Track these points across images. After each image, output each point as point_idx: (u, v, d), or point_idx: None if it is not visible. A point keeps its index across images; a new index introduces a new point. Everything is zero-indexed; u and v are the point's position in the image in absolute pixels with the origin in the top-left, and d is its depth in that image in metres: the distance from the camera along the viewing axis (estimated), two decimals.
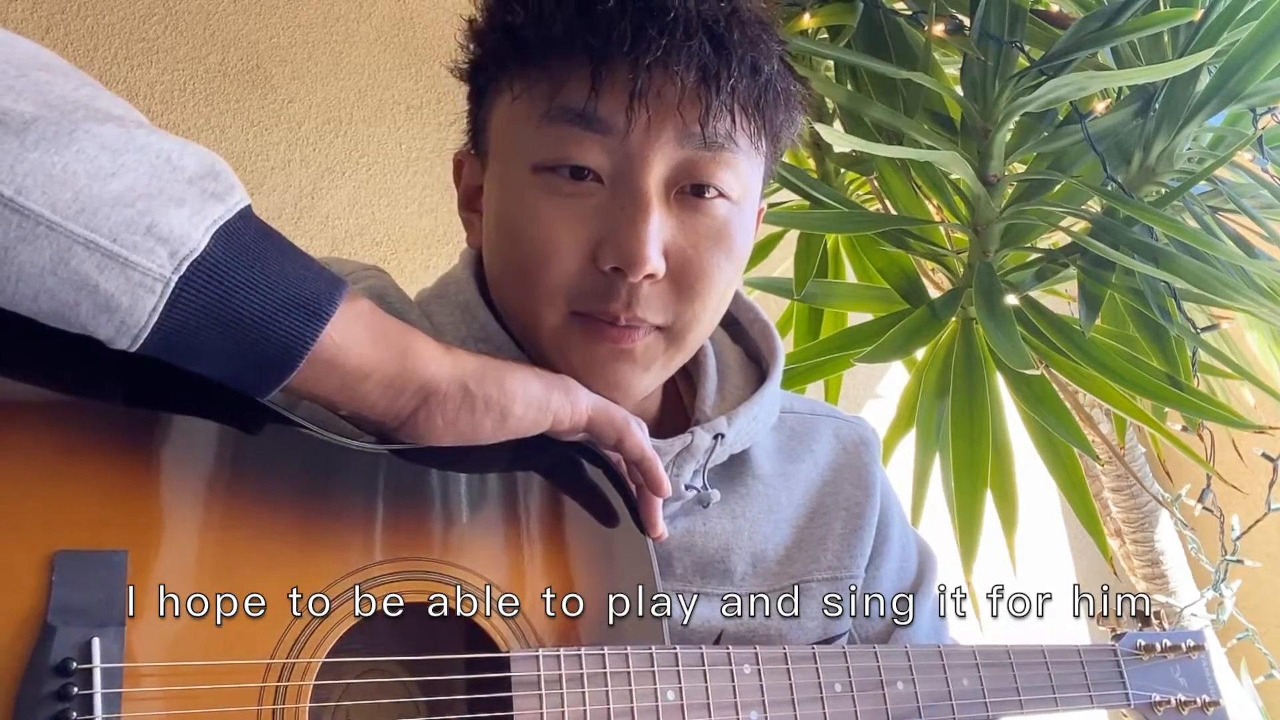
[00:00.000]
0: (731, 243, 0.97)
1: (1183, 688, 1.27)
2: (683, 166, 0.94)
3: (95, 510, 0.74)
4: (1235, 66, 1.58)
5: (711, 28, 0.91)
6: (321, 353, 0.78)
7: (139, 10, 2.16)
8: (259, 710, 0.76)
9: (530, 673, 0.86)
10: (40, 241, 0.68)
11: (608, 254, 0.92)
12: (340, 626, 0.81)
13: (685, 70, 0.89)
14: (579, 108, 0.90)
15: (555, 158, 0.92)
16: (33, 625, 0.70)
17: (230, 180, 0.76)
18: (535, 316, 0.96)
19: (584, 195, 0.93)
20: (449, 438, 0.88)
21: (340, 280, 0.79)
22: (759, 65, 0.94)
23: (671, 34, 0.88)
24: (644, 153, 0.92)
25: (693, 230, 0.95)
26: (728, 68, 0.91)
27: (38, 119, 0.69)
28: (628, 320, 0.95)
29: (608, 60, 0.89)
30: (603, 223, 0.92)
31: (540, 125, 0.92)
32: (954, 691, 1.08)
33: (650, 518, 0.96)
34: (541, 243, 0.93)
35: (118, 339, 0.71)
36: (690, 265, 0.95)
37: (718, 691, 0.94)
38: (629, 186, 0.92)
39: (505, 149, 0.97)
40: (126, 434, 0.77)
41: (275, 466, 0.82)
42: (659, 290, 0.95)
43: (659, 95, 0.90)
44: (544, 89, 0.92)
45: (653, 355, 0.98)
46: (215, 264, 0.73)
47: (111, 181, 0.70)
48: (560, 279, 0.94)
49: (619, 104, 0.90)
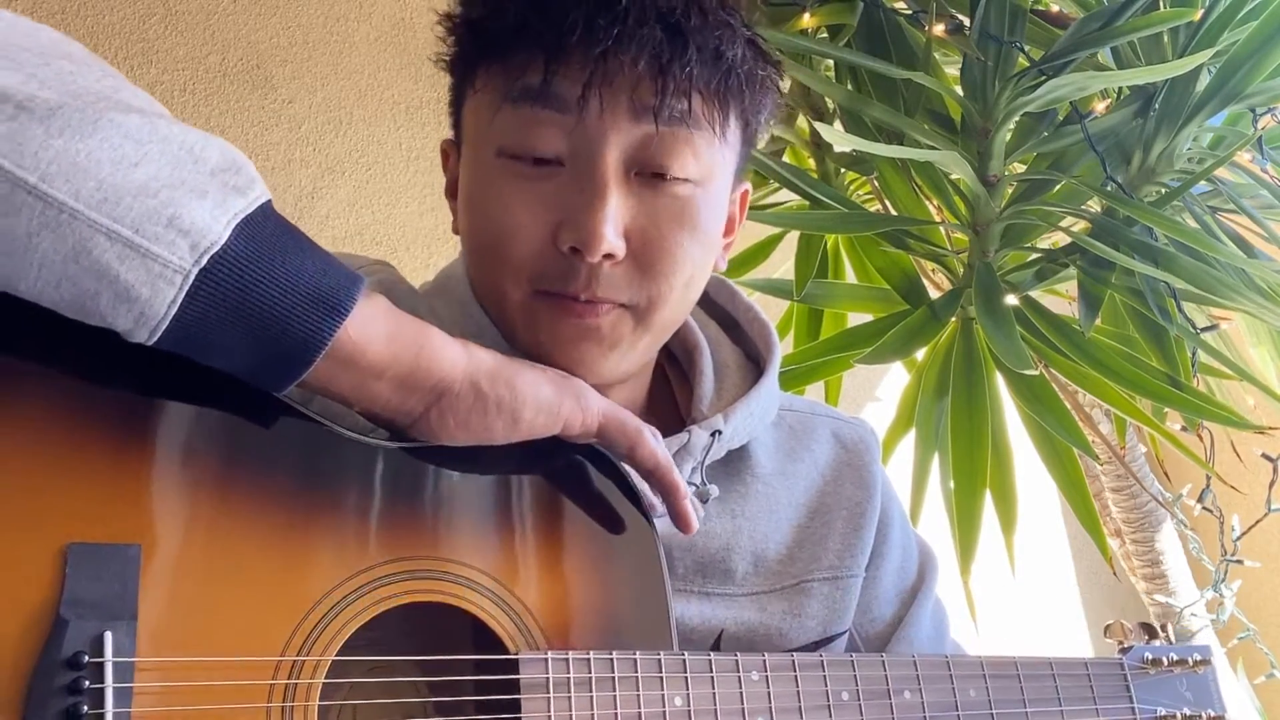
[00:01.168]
0: (695, 221, 0.98)
1: (1189, 702, 1.27)
2: (640, 146, 0.95)
3: (108, 503, 0.74)
4: (1235, 66, 1.58)
5: (666, 17, 0.92)
6: (339, 349, 0.78)
7: (139, 10, 2.15)
8: (268, 707, 0.76)
9: (539, 675, 0.86)
10: (63, 229, 0.68)
11: (566, 235, 0.93)
12: (351, 624, 0.81)
13: (637, 55, 0.91)
14: (535, 87, 0.92)
15: (517, 144, 0.94)
16: (45, 618, 0.70)
17: (251, 174, 0.76)
18: (502, 294, 0.98)
19: (545, 178, 0.94)
20: (460, 437, 0.88)
21: (358, 276, 0.80)
22: (720, 51, 0.95)
23: (623, 22, 0.91)
24: (600, 134, 0.93)
25: (654, 210, 0.96)
26: (682, 53, 0.92)
27: (62, 106, 0.68)
28: (588, 298, 0.96)
29: (561, 48, 0.91)
30: (562, 204, 0.94)
31: (501, 108, 0.94)
32: (960, 702, 1.08)
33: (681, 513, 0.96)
34: (504, 224, 0.95)
35: (136, 331, 0.71)
36: (652, 244, 0.96)
37: (725, 698, 0.93)
38: (586, 168, 0.94)
39: (473, 136, 1.00)
40: (140, 427, 0.77)
41: (290, 462, 0.82)
42: (622, 270, 0.96)
43: (611, 84, 0.92)
44: (502, 76, 0.95)
45: (619, 333, 0.99)
46: (235, 257, 0.73)
47: (135, 171, 0.70)
48: (522, 259, 0.95)
49: (574, 81, 0.92)
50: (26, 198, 0.67)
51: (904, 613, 1.20)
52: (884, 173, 1.80)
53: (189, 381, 0.78)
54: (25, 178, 0.67)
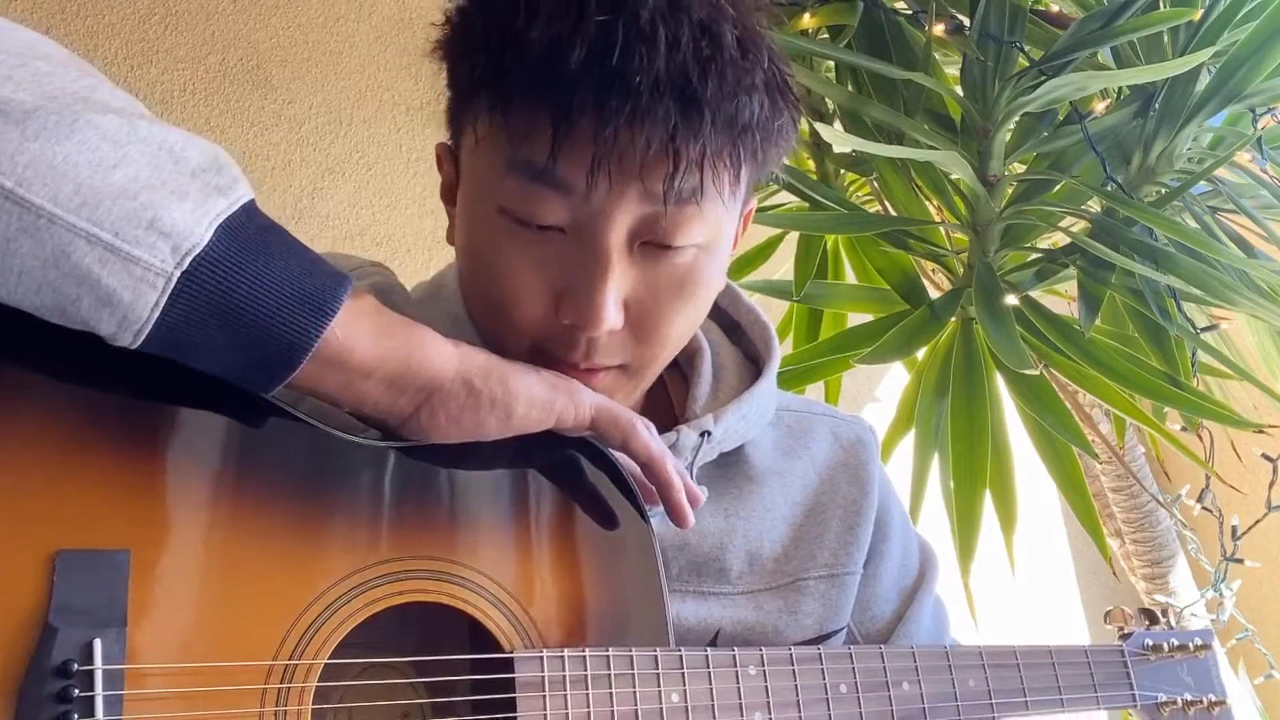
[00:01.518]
0: (695, 289, 0.95)
1: (1190, 687, 1.26)
2: (646, 222, 0.90)
3: (97, 509, 0.74)
4: (1235, 66, 1.58)
5: (682, 88, 0.85)
6: (325, 349, 0.78)
7: (139, 10, 2.15)
8: (261, 712, 0.76)
9: (534, 673, 0.86)
10: (41, 234, 0.67)
11: (567, 309, 0.91)
12: (344, 626, 0.81)
13: (650, 134, 0.85)
14: (539, 165, 0.87)
15: (519, 210, 0.90)
16: (34, 625, 0.70)
17: (233, 174, 0.75)
18: (500, 346, 0.95)
19: (547, 243, 0.91)
20: (452, 435, 0.88)
21: (344, 276, 0.79)
22: (736, 116, 0.88)
23: (637, 99, 0.83)
24: (606, 211, 0.89)
25: (654, 280, 0.93)
26: (697, 127, 0.86)
27: (38, 109, 0.68)
28: (588, 367, 0.95)
29: (569, 124, 0.84)
30: (563, 274, 0.91)
31: (505, 173, 0.89)
32: (960, 693, 1.07)
33: (677, 507, 0.95)
34: (506, 285, 0.93)
35: (119, 335, 0.71)
36: (648, 315, 0.94)
37: (722, 694, 0.93)
38: (590, 244, 0.90)
39: (473, 182, 0.95)
40: (129, 431, 0.77)
41: (279, 463, 0.82)
42: (618, 338, 0.94)
43: (620, 160, 0.86)
44: (505, 136, 0.88)
45: (613, 389, 0.98)
46: (218, 259, 0.72)
47: (113, 173, 0.69)
48: (523, 324, 0.93)
49: (580, 165, 0.86)
50: (3, 203, 0.66)
51: (904, 610, 1.20)
52: (884, 173, 1.80)
53: (177, 385, 0.78)
54: (2, 182, 0.66)
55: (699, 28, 0.86)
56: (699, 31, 0.86)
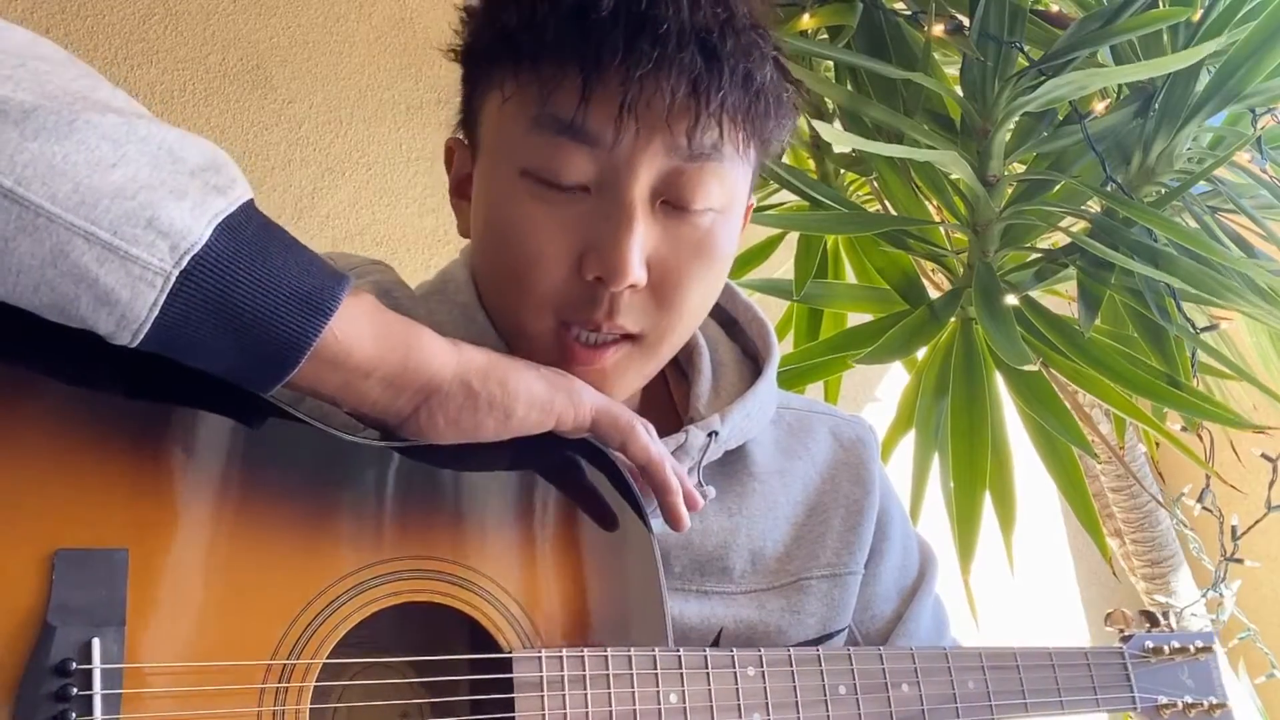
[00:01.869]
0: (714, 253, 0.97)
1: (1190, 689, 1.26)
2: (669, 178, 0.93)
3: (96, 508, 0.74)
4: (1235, 66, 1.58)
5: (704, 39, 0.90)
6: (324, 349, 0.78)
7: (139, 10, 2.16)
8: (259, 711, 0.76)
9: (533, 673, 0.86)
10: (40, 233, 0.68)
11: (591, 264, 0.92)
12: (343, 626, 0.81)
13: (676, 82, 0.88)
14: (568, 118, 0.90)
15: (543, 169, 0.92)
16: (32, 625, 0.70)
17: (232, 173, 0.75)
18: (519, 322, 0.97)
19: (570, 203, 0.92)
20: (451, 436, 0.88)
21: (343, 276, 0.79)
22: (751, 74, 0.93)
23: (664, 45, 0.87)
24: (631, 164, 0.91)
25: (676, 240, 0.95)
26: (718, 79, 0.90)
27: (37, 109, 0.68)
28: (609, 328, 0.95)
29: (599, 70, 0.88)
30: (588, 231, 0.92)
31: (530, 130, 0.92)
32: (959, 694, 1.07)
33: (673, 511, 0.96)
34: (528, 250, 0.93)
35: (118, 334, 0.71)
36: (670, 275, 0.95)
37: (721, 694, 0.94)
38: (614, 197, 0.92)
39: (495, 148, 0.96)
40: (128, 430, 0.77)
41: (278, 463, 0.82)
42: (639, 298, 0.95)
43: (648, 106, 0.89)
44: (534, 93, 0.91)
45: (624, 368, 0.98)
46: (217, 258, 0.72)
47: (112, 172, 0.70)
48: (545, 288, 0.94)
49: (608, 115, 0.89)
50: (2, 201, 0.67)
51: (904, 610, 1.20)
52: (883, 173, 1.80)
53: (175, 384, 0.78)
54: (1, 181, 0.67)
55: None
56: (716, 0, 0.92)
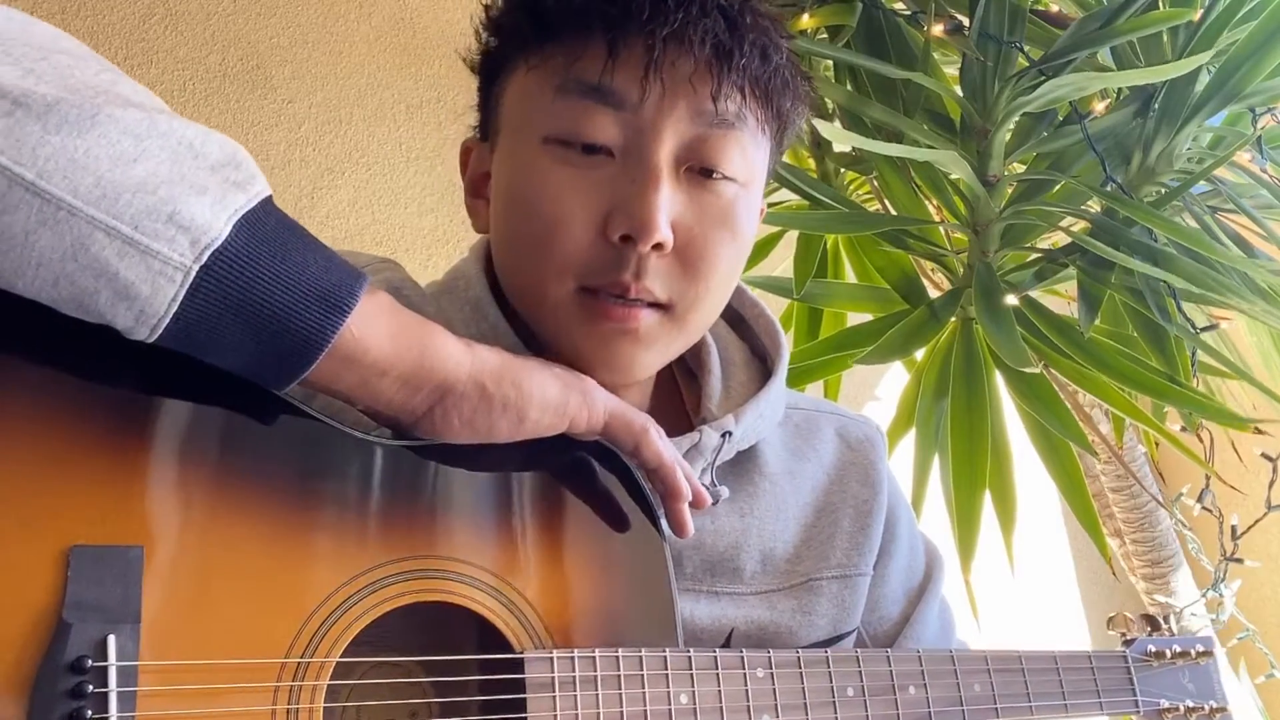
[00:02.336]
0: (736, 224, 0.98)
1: (1191, 694, 1.27)
2: (693, 143, 0.95)
3: (111, 505, 0.73)
4: (1234, 66, 1.58)
5: (725, 8, 0.93)
6: (341, 347, 0.78)
7: (139, 10, 2.15)
8: (274, 709, 0.76)
9: (544, 674, 0.86)
10: (61, 227, 0.67)
11: (618, 222, 0.92)
12: (356, 624, 0.80)
13: (700, 45, 0.91)
14: (594, 80, 0.92)
15: (568, 131, 0.93)
16: (48, 621, 0.69)
17: (252, 169, 0.75)
18: (541, 291, 0.97)
19: (595, 166, 0.94)
20: (465, 436, 0.87)
21: (360, 274, 0.79)
22: (768, 51, 0.96)
23: (688, 9, 0.91)
24: (656, 126, 0.93)
25: (700, 208, 0.96)
26: (740, 46, 0.93)
27: (60, 102, 0.68)
28: (636, 292, 0.95)
29: (624, 32, 0.91)
30: (613, 193, 0.93)
31: (555, 98, 0.94)
32: (965, 697, 1.08)
33: (678, 517, 0.96)
34: (552, 214, 0.94)
35: (136, 329, 0.71)
36: (695, 242, 0.96)
37: (730, 695, 0.94)
38: (640, 158, 0.93)
39: (517, 121, 0.98)
40: (142, 427, 0.76)
41: (293, 461, 0.82)
42: (665, 264, 0.95)
43: (673, 67, 0.92)
44: (559, 61, 0.93)
45: (654, 335, 0.98)
46: (236, 254, 0.72)
47: (134, 167, 0.69)
48: (570, 250, 0.94)
49: (634, 76, 0.91)
50: (24, 195, 0.66)
51: (911, 611, 1.20)
52: (883, 172, 1.80)
53: (191, 380, 0.77)
54: (23, 174, 0.66)
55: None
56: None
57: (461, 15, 1.01)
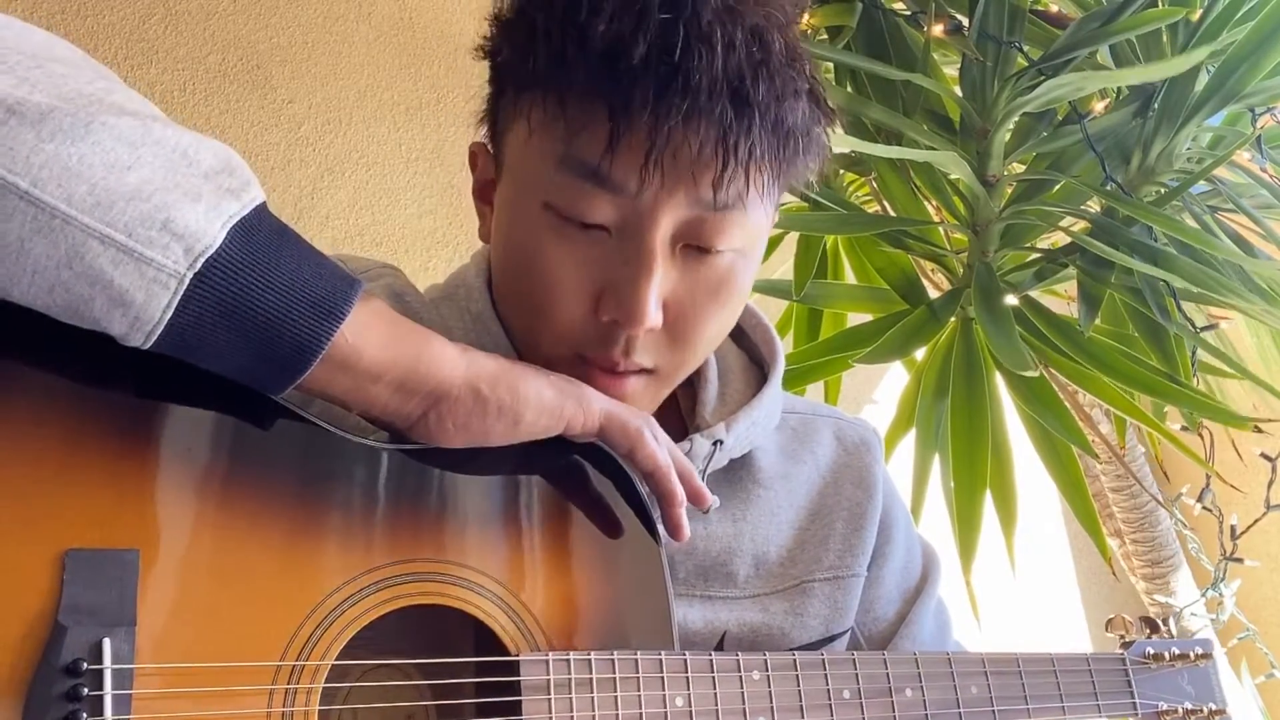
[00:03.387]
0: (732, 292, 0.96)
1: (1190, 696, 1.27)
2: (690, 225, 0.92)
3: (106, 508, 0.74)
4: (1234, 66, 1.58)
5: (736, 87, 0.87)
6: (335, 353, 0.78)
7: (139, 10, 2.15)
8: (269, 712, 0.76)
9: (539, 676, 0.86)
10: (55, 234, 0.68)
11: (609, 306, 0.91)
12: (351, 627, 0.81)
13: (704, 135, 0.87)
14: (593, 164, 0.88)
15: (566, 208, 0.91)
16: (43, 625, 0.69)
17: (246, 176, 0.75)
18: (535, 346, 0.97)
19: (591, 243, 0.91)
20: (460, 440, 0.88)
21: (355, 280, 0.79)
22: (782, 119, 0.90)
23: (694, 96, 0.85)
24: (653, 211, 0.90)
25: (693, 283, 0.94)
26: (748, 130, 0.88)
27: (54, 110, 0.68)
28: (625, 366, 0.95)
29: (627, 119, 0.86)
30: (607, 272, 0.91)
31: (556, 169, 0.90)
32: (962, 700, 1.07)
33: (674, 521, 0.96)
34: (547, 284, 0.93)
35: (131, 335, 0.71)
36: (685, 317, 0.95)
37: (726, 698, 0.93)
38: (635, 242, 0.91)
39: (519, 176, 0.95)
40: (139, 431, 0.77)
41: (289, 464, 0.82)
42: (653, 337, 0.95)
43: (674, 158, 0.88)
44: (560, 130, 0.89)
45: (642, 394, 0.98)
46: (230, 261, 0.72)
47: (128, 175, 0.70)
48: (564, 322, 0.93)
49: (633, 164, 0.87)
50: (18, 203, 0.67)
51: (907, 612, 1.20)
52: (883, 173, 1.80)
53: (186, 385, 0.78)
54: (17, 182, 0.66)
55: (751, 32, 0.88)
56: (751, 36, 0.88)
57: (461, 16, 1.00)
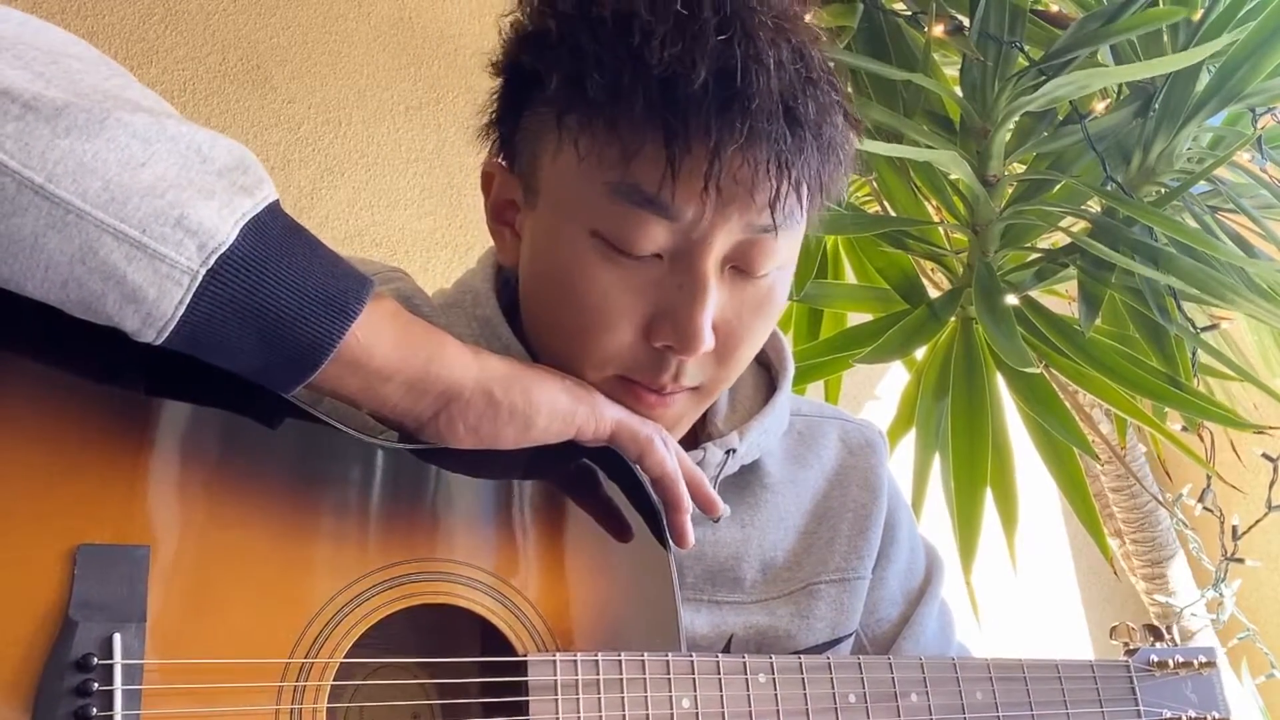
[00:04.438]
0: (773, 308, 0.96)
1: (1194, 704, 1.26)
2: (742, 248, 0.90)
3: (118, 504, 0.74)
4: (1235, 66, 1.59)
5: (790, 107, 0.85)
6: (346, 352, 0.78)
7: (139, 10, 2.15)
8: (277, 709, 0.76)
9: (547, 677, 0.86)
10: (69, 230, 0.68)
11: (664, 332, 0.90)
12: (360, 626, 0.80)
13: (761, 156, 0.85)
14: (651, 192, 0.85)
15: (620, 238, 0.88)
16: (54, 620, 0.69)
17: (259, 174, 0.75)
18: (578, 371, 0.94)
19: (641, 269, 0.90)
20: (470, 442, 0.87)
21: (367, 279, 0.79)
22: (828, 135, 0.89)
23: (755, 120, 0.83)
24: (708, 237, 0.88)
25: (740, 303, 0.93)
26: (800, 149, 0.86)
27: (69, 106, 0.68)
28: (673, 389, 0.94)
29: (686, 144, 0.83)
30: (659, 297, 0.90)
31: (609, 197, 0.87)
32: (967, 705, 1.07)
33: (678, 528, 0.95)
34: (595, 311, 0.91)
35: (143, 331, 0.71)
36: (734, 335, 0.94)
37: (732, 700, 0.93)
38: (689, 267, 0.89)
39: (563, 202, 0.91)
40: (149, 428, 0.77)
41: (299, 463, 0.82)
42: (701, 357, 0.93)
43: (734, 181, 0.85)
44: (614, 157, 0.86)
45: (683, 413, 0.98)
46: (243, 258, 0.72)
47: (142, 171, 0.70)
48: (611, 349, 0.92)
49: (693, 191, 0.85)
50: (33, 198, 0.67)
51: (910, 613, 1.20)
52: (883, 173, 1.80)
53: (198, 382, 0.78)
54: (32, 177, 0.67)
55: (795, 51, 0.87)
56: (795, 54, 0.86)
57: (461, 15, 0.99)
